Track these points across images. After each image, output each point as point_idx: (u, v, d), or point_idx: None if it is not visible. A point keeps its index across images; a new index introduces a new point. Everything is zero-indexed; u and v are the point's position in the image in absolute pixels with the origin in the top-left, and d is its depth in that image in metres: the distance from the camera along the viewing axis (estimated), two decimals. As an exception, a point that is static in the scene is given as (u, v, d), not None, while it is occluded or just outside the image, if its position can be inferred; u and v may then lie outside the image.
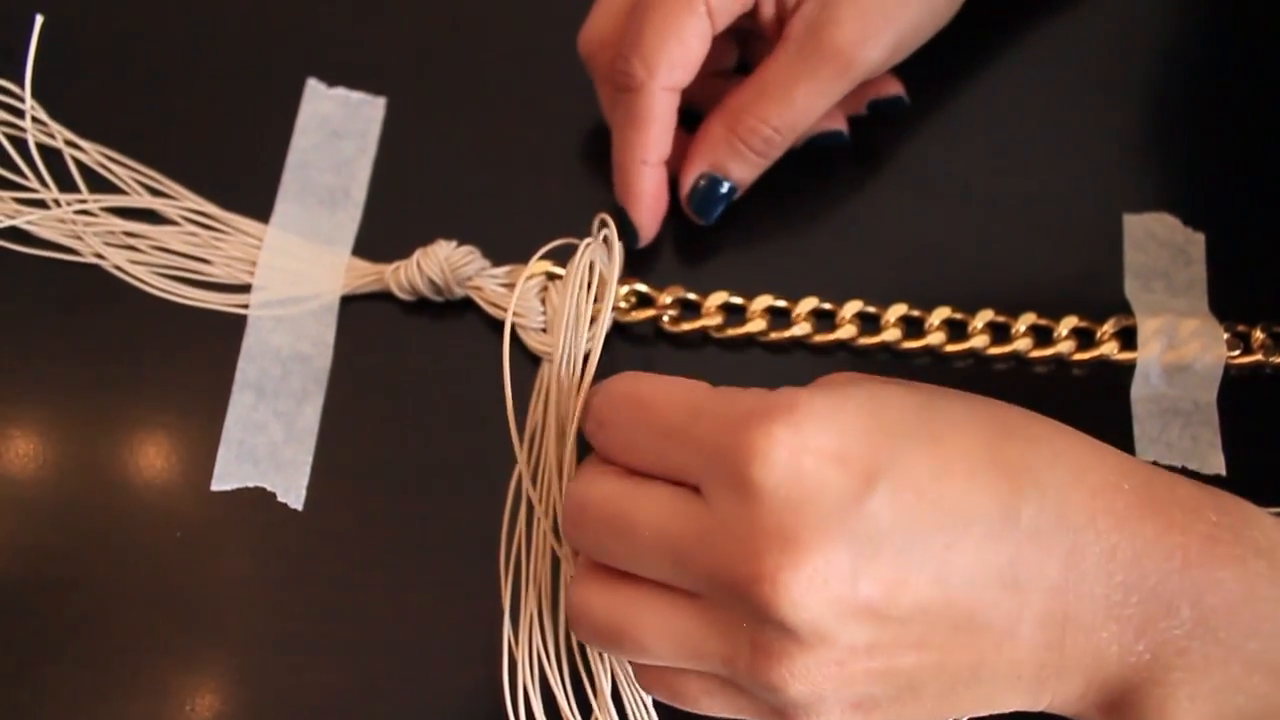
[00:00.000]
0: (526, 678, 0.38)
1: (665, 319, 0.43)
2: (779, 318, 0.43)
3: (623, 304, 0.43)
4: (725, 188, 0.43)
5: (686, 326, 0.43)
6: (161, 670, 0.39)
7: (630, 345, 0.43)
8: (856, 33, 0.40)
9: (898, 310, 0.43)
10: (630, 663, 0.36)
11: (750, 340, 0.43)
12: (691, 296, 0.43)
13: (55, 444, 0.42)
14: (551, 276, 0.42)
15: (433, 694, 0.39)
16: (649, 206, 0.43)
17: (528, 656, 0.38)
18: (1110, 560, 0.31)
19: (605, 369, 0.41)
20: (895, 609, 0.30)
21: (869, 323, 0.43)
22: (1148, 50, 0.48)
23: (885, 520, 0.30)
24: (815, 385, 0.32)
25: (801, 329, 0.43)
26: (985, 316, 0.43)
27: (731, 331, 0.43)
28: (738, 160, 0.42)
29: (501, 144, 0.46)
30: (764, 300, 0.43)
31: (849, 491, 0.30)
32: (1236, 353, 0.43)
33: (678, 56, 0.40)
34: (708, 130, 0.42)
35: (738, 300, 0.43)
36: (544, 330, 0.42)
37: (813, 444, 0.30)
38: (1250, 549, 0.32)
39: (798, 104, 0.41)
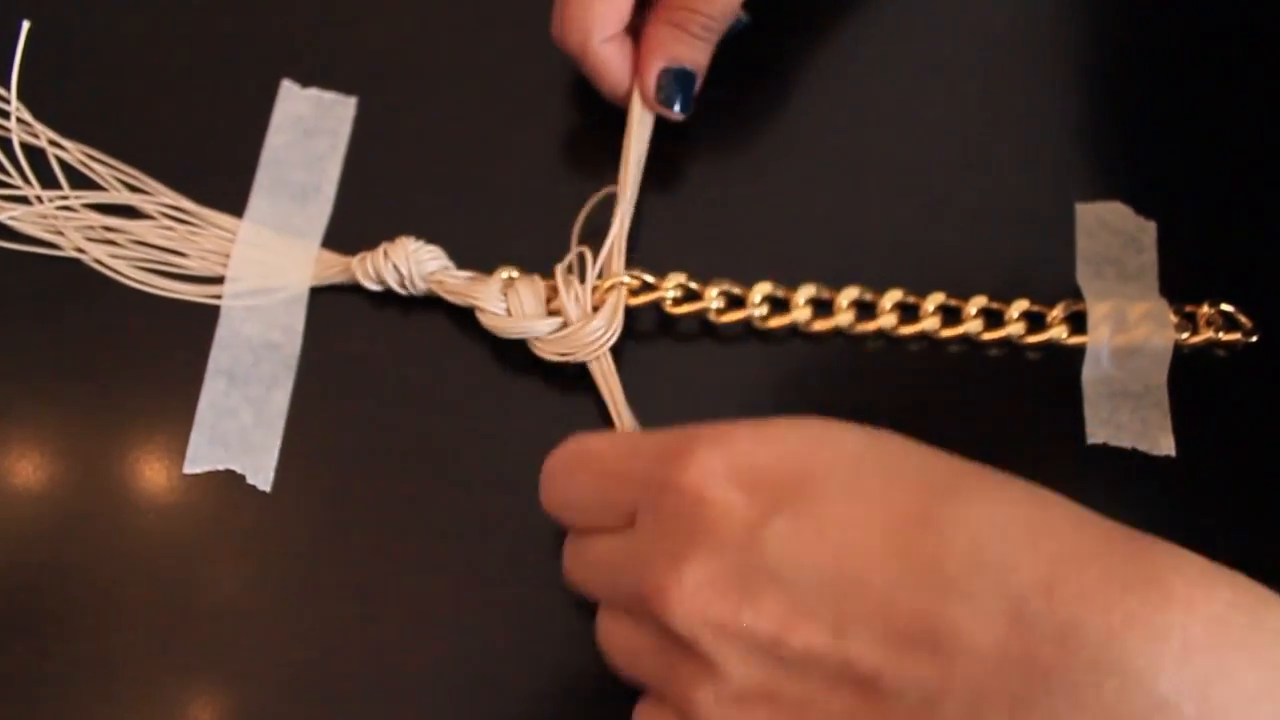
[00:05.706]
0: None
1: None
2: (735, 304, 0.44)
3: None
4: (686, 74, 0.44)
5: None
6: (132, 646, 0.40)
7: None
8: None
9: (850, 294, 0.44)
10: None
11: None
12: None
13: (35, 430, 0.43)
14: (512, 280, 0.43)
15: (401, 672, 0.40)
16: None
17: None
18: (1071, 636, 0.25)
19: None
20: (783, 650, 0.28)
21: (822, 307, 0.44)
22: (1100, 39, 0.49)
23: (775, 554, 0.28)
24: (768, 419, 0.31)
25: (759, 311, 0.44)
26: (936, 299, 0.44)
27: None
28: (687, 47, 0.44)
29: (470, 144, 0.47)
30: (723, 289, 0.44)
31: (747, 518, 0.29)
32: (1185, 335, 0.43)
33: (609, 17, 0.43)
34: (652, 32, 0.44)
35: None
36: (507, 313, 0.43)
37: (724, 467, 0.30)
38: (1271, 635, 0.26)
39: None
